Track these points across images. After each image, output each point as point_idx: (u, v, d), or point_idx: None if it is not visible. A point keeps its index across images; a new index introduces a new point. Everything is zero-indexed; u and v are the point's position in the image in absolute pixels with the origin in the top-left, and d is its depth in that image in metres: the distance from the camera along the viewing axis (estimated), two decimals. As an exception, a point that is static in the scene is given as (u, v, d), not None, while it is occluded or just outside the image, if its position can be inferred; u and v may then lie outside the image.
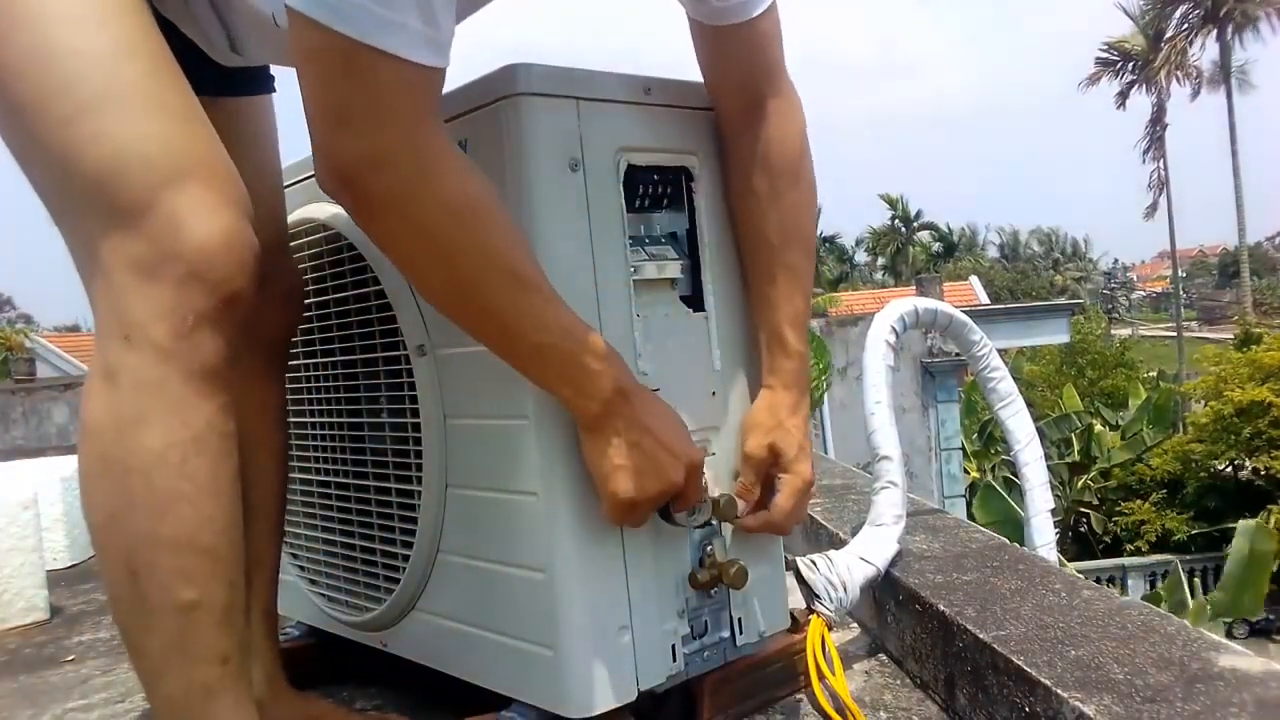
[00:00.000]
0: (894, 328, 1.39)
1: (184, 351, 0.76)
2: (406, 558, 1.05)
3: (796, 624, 1.12)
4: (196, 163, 0.79)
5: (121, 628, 0.80)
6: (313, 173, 1.13)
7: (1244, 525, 8.19)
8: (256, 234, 0.82)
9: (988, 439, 12.85)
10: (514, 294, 0.81)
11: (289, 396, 1.16)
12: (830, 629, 1.13)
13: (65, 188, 0.78)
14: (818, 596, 1.15)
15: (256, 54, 1.00)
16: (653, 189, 1.00)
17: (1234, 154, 26.18)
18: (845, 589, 1.16)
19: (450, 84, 0.87)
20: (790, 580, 1.14)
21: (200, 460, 0.77)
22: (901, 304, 1.42)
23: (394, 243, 0.81)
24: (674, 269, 1.00)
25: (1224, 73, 26.09)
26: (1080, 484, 13.41)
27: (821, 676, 1.07)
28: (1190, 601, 8.65)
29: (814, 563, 1.17)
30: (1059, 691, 0.83)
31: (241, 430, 0.83)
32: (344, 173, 0.77)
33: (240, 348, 0.82)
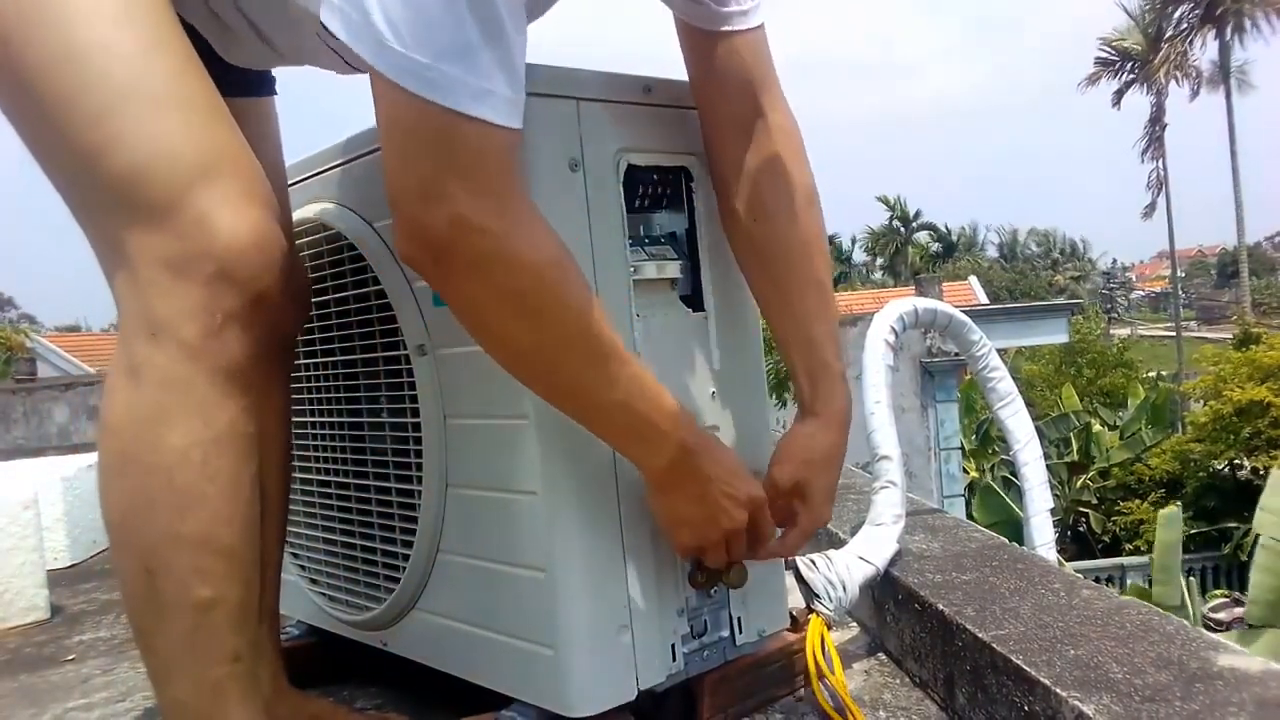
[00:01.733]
0: (893, 328, 1.39)
1: (212, 350, 0.76)
2: (407, 557, 1.05)
3: (796, 623, 1.12)
4: (225, 160, 0.78)
5: (134, 624, 0.80)
6: (314, 172, 1.14)
7: (1163, 515, 8.13)
8: None
9: (984, 438, 12.85)
10: (592, 352, 0.80)
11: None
12: (830, 628, 1.13)
13: (91, 184, 0.78)
14: (817, 596, 1.15)
15: (287, 44, 0.98)
16: (652, 189, 1.00)
17: (1233, 154, 26.16)
18: (845, 588, 1.16)
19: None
20: (790, 580, 1.15)
21: (222, 461, 0.77)
22: (901, 304, 1.43)
23: (476, 307, 0.79)
24: (674, 269, 1.00)
25: (1223, 73, 26.07)
26: (1079, 483, 13.40)
27: (821, 676, 1.07)
28: (1188, 602, 8.64)
29: (813, 562, 1.17)
30: (1058, 691, 0.83)
31: None
32: (434, 239, 0.74)
33: (267, 347, 0.82)
